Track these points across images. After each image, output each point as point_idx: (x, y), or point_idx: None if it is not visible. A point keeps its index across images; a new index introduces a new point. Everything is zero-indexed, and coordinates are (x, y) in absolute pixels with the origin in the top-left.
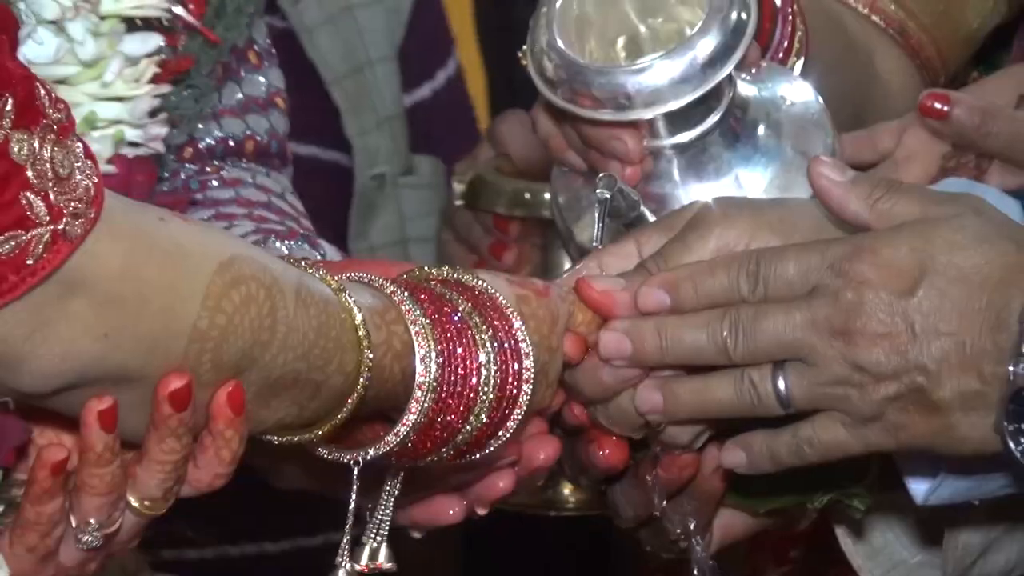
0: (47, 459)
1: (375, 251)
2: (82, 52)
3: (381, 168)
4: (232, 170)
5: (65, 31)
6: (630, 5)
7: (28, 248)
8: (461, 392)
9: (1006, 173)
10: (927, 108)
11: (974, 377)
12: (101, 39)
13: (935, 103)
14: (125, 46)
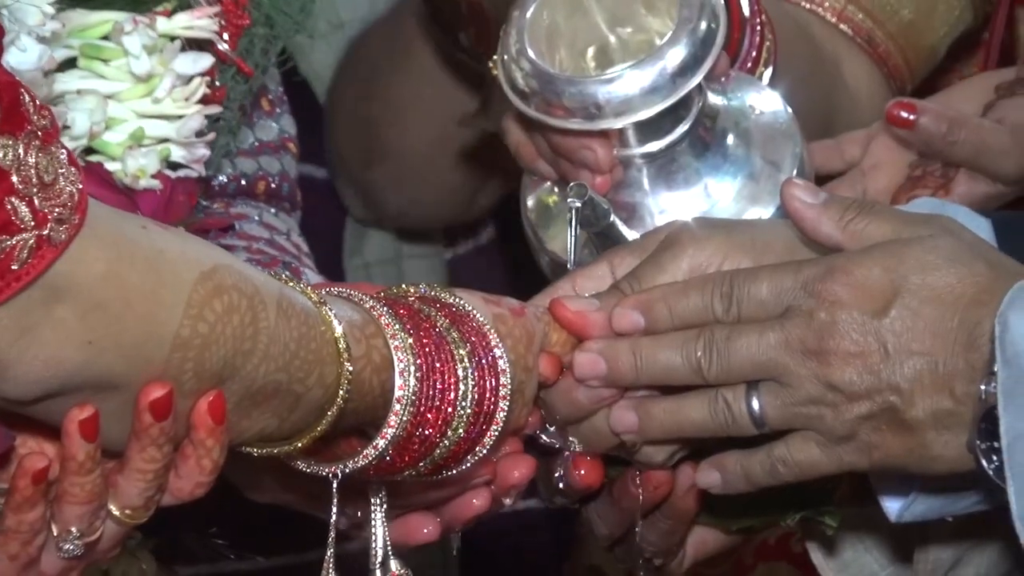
0: (28, 467)
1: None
2: (136, 67)
3: None
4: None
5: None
6: (600, 15)
7: (13, 253)
8: (439, 406)
9: (972, 181)
10: (894, 117)
11: (947, 396)
12: (155, 55)
13: (902, 112)
14: (178, 64)
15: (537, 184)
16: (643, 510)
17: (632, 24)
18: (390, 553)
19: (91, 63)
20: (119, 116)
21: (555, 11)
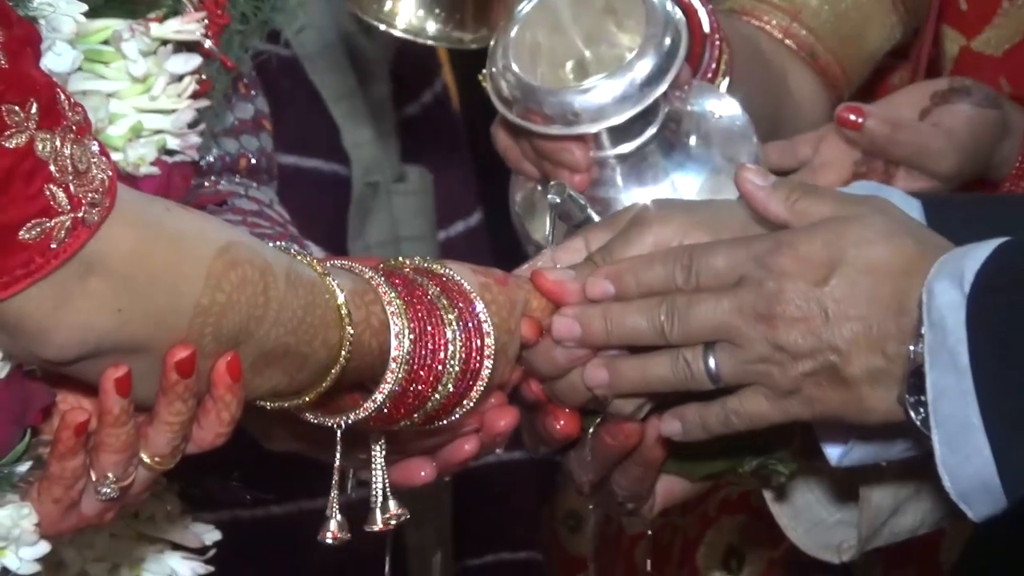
0: (70, 421)
1: (370, 249)
2: (134, 69)
3: (375, 177)
4: (227, 184)
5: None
6: (576, 34)
7: (52, 233)
8: (430, 365)
9: (910, 178)
10: (843, 119)
11: (879, 356)
12: (150, 58)
13: (850, 115)
14: (170, 65)
15: (523, 182)
16: (616, 458)
17: (605, 41)
18: (389, 495)
19: (93, 66)
20: (120, 112)
21: (537, 30)
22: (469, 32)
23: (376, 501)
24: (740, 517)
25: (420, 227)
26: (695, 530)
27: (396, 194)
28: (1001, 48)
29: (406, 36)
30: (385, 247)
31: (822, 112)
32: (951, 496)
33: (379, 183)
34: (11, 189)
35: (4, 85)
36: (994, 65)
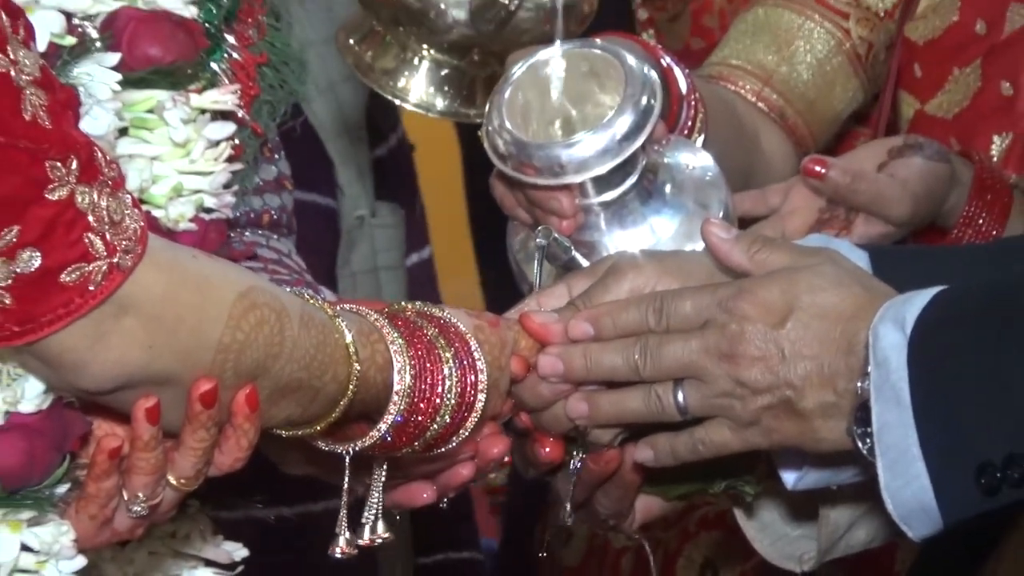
0: (105, 446)
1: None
2: (176, 135)
3: (361, 211)
4: (251, 236)
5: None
6: (563, 94)
7: (90, 277)
8: (429, 398)
9: (869, 223)
10: (809, 170)
11: (830, 392)
12: (190, 125)
13: (815, 167)
14: (208, 131)
15: (518, 228)
16: (598, 481)
17: (589, 100)
18: (380, 515)
19: (139, 132)
20: (162, 174)
21: (528, 92)
22: (474, 108)
23: (368, 519)
24: (716, 533)
25: (394, 258)
26: (675, 544)
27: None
28: (952, 111)
29: (417, 110)
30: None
31: (790, 166)
32: (893, 517)
33: (364, 216)
34: (53, 237)
35: (48, 143)
36: (945, 126)
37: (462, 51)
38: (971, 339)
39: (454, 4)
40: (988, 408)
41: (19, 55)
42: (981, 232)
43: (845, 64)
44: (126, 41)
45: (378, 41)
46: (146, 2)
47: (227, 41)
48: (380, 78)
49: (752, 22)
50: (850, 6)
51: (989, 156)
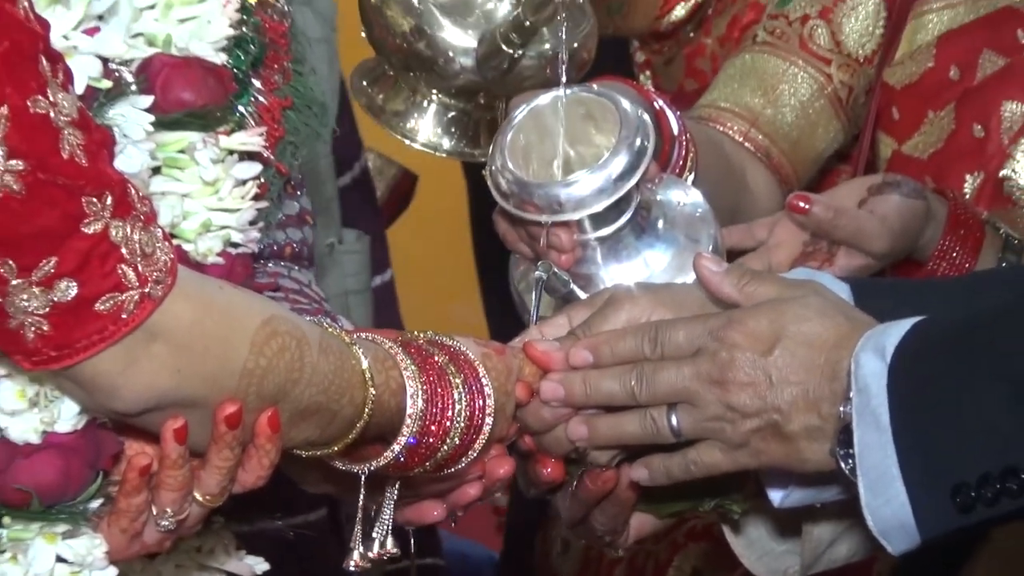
0: (136, 463)
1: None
2: (205, 174)
3: (331, 238)
4: (273, 267)
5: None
6: (561, 136)
7: (122, 306)
8: (440, 421)
9: (850, 256)
10: (793, 206)
11: (815, 415)
12: (219, 165)
13: (800, 203)
14: (236, 171)
15: (520, 262)
16: (595, 499)
17: (585, 142)
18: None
19: (171, 171)
20: (192, 210)
21: (529, 134)
22: (478, 148)
23: (379, 535)
24: (704, 544)
25: (362, 282)
26: (665, 555)
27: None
28: (927, 152)
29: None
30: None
31: (775, 202)
32: (873, 533)
33: (333, 244)
34: (89, 268)
35: (84, 180)
36: (921, 166)
37: (468, 95)
38: (947, 367)
39: (462, 52)
40: (962, 432)
41: (58, 97)
42: (955, 265)
43: (827, 107)
44: (160, 85)
45: (389, 85)
46: (179, 49)
47: (254, 85)
48: (391, 119)
49: (740, 67)
50: (832, 52)
51: (962, 194)
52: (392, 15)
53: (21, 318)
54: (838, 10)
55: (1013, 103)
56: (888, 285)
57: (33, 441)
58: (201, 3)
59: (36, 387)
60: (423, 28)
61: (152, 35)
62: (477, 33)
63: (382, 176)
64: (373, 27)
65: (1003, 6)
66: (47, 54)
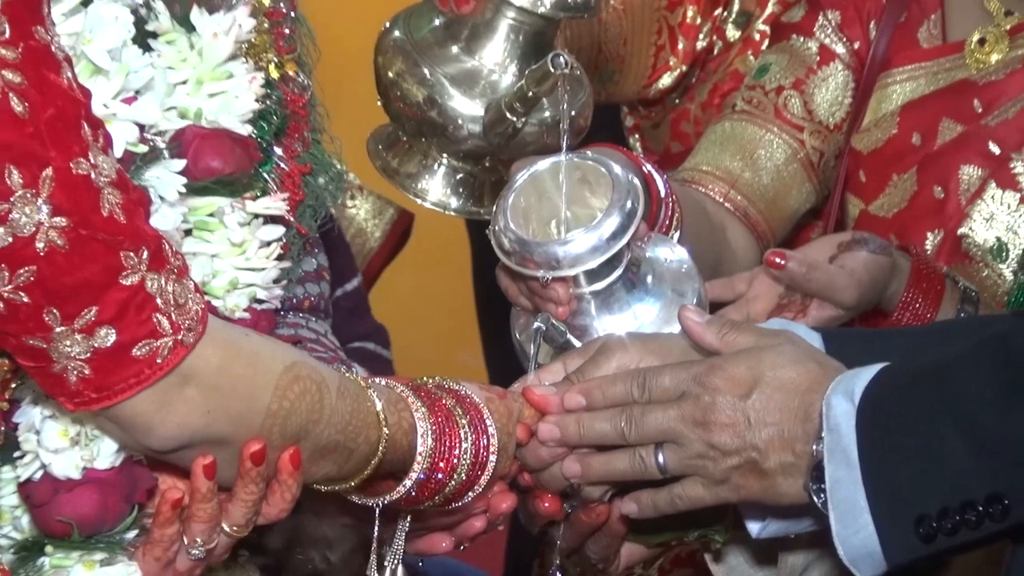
0: (168, 497)
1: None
2: (233, 236)
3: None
4: (293, 318)
5: (223, 222)
6: (559, 199)
7: (157, 351)
8: (448, 459)
9: (822, 308)
10: (770, 261)
11: (790, 453)
12: (246, 228)
13: (776, 258)
14: (261, 233)
15: (521, 313)
16: (589, 531)
17: (581, 204)
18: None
19: (202, 233)
20: (221, 269)
21: (529, 196)
22: (483, 207)
23: (391, 563)
24: (688, 571)
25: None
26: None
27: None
28: (891, 211)
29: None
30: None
31: (754, 258)
32: (843, 561)
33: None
34: (127, 316)
35: (122, 236)
36: (886, 224)
37: (475, 159)
38: (910, 409)
39: (470, 120)
40: (924, 469)
41: (98, 160)
42: (918, 315)
43: (800, 170)
44: (191, 155)
45: (403, 149)
46: (209, 121)
47: (276, 153)
48: (403, 180)
49: (720, 133)
50: (804, 120)
51: (924, 250)
52: (407, 86)
53: (65, 362)
54: (810, 81)
55: (970, 167)
56: (856, 334)
57: (74, 477)
58: (229, 79)
59: (78, 427)
60: (435, 98)
61: (184, 108)
62: (484, 103)
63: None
64: (389, 97)
65: (960, 79)
66: (88, 120)
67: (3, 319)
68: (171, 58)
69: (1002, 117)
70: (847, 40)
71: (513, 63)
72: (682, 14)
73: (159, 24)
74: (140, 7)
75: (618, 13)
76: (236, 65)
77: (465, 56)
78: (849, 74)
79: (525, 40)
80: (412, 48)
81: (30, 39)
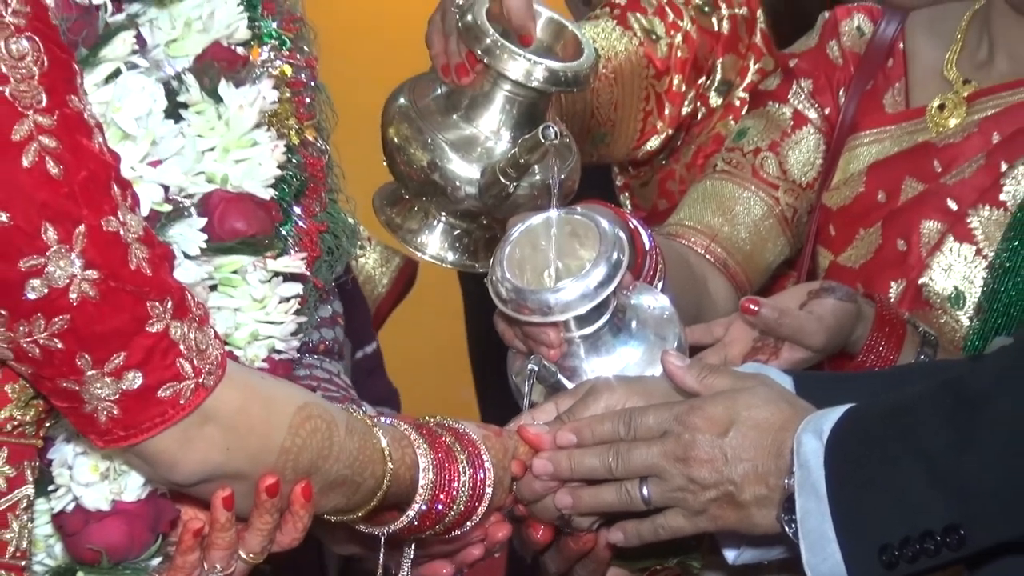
0: (190, 526)
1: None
2: (255, 293)
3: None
4: (309, 359)
5: (245, 279)
6: (551, 251)
7: (180, 393)
8: (447, 491)
9: (793, 351)
10: (745, 308)
11: (763, 487)
12: (267, 284)
13: (750, 305)
14: (280, 290)
15: (517, 356)
16: (577, 557)
17: (571, 255)
18: None
19: (226, 289)
20: (243, 322)
21: (523, 249)
22: (478, 261)
23: None
24: None
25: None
26: None
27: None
28: (858, 263)
29: (433, 261)
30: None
31: (732, 305)
32: None
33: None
34: (152, 361)
35: (148, 287)
36: (853, 274)
37: (472, 218)
38: (873, 447)
39: (467, 182)
40: (887, 501)
41: (127, 218)
42: (881, 357)
43: (775, 225)
44: (218, 217)
45: (406, 207)
46: (234, 185)
47: (295, 212)
48: (406, 235)
49: (702, 191)
50: (779, 179)
51: (888, 298)
52: (411, 151)
53: (95, 403)
54: (784, 144)
55: (930, 222)
56: (825, 377)
57: (104, 508)
58: (253, 147)
59: (107, 462)
60: (436, 162)
61: (212, 173)
62: (480, 167)
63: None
64: (395, 160)
65: (921, 141)
66: (118, 181)
67: (39, 363)
68: (200, 127)
69: (959, 176)
70: (819, 106)
71: (508, 131)
72: (668, 82)
73: (189, 96)
74: (172, 80)
75: (609, 81)
76: (260, 133)
77: (464, 124)
78: (820, 137)
79: (519, 111)
80: (416, 115)
81: (65, 107)
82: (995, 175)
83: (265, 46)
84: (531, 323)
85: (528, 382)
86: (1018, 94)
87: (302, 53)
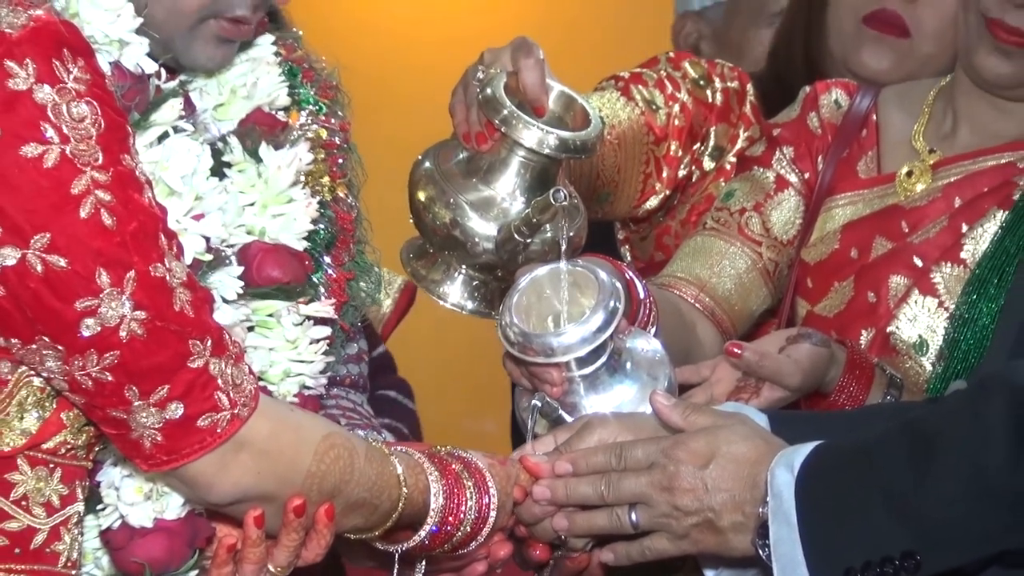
0: (225, 542)
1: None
2: (288, 335)
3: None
4: (336, 390)
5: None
6: (554, 298)
7: (218, 423)
8: (455, 514)
9: (772, 390)
10: (729, 351)
11: (740, 515)
12: (299, 327)
13: (734, 349)
14: (311, 332)
15: (523, 393)
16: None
17: (573, 303)
18: None
19: (262, 331)
20: (276, 361)
21: (530, 297)
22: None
23: None
24: None
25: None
26: None
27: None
28: (833, 312)
29: (454, 309)
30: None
31: (718, 348)
32: None
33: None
34: (193, 393)
35: (191, 327)
36: (828, 323)
37: (489, 270)
38: (840, 480)
39: (485, 238)
40: (851, 529)
41: (172, 265)
42: (852, 397)
43: (758, 277)
44: (256, 265)
45: (431, 260)
46: (271, 237)
47: (326, 262)
48: (429, 284)
49: (693, 246)
50: (762, 236)
51: (859, 344)
52: (435, 210)
53: (141, 431)
54: (768, 205)
55: (898, 276)
56: (797, 416)
57: (147, 525)
58: (290, 204)
59: (150, 484)
60: (457, 220)
61: (251, 226)
62: (497, 225)
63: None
64: (420, 217)
65: (891, 204)
66: (165, 232)
67: (91, 394)
68: (242, 184)
69: (924, 236)
70: (799, 171)
71: (522, 193)
72: (667, 148)
73: (232, 156)
74: (218, 141)
75: (613, 146)
76: (296, 191)
77: (483, 186)
78: (800, 199)
79: (532, 175)
80: (440, 177)
81: (119, 165)
82: (956, 235)
83: (303, 111)
84: (536, 364)
85: (532, 416)
86: (979, 163)
87: (336, 118)
